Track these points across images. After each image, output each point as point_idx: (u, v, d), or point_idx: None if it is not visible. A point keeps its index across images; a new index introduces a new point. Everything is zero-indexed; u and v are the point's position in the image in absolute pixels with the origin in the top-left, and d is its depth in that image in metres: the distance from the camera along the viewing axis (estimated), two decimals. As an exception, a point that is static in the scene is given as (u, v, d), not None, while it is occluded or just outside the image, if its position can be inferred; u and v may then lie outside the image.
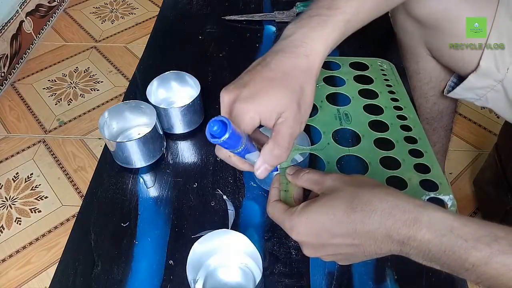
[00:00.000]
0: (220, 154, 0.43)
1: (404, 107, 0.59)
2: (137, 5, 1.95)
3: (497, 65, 0.62)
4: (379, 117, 0.57)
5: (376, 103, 0.59)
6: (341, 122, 0.56)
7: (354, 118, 0.57)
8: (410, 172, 0.50)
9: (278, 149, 0.40)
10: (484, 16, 0.61)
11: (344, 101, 0.60)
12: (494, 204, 1.04)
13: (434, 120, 0.87)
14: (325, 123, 0.56)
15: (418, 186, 0.48)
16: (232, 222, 0.54)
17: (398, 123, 0.56)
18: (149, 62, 0.78)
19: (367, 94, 0.60)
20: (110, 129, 0.62)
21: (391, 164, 0.51)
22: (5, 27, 1.60)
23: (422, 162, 0.51)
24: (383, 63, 0.68)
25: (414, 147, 0.53)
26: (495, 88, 0.64)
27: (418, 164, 0.51)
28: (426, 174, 0.50)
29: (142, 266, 0.51)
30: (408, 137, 0.54)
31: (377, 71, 0.66)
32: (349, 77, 0.64)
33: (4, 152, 1.39)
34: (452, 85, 0.75)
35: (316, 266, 0.50)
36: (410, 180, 0.49)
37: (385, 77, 0.65)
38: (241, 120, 0.39)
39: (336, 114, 0.57)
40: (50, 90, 1.58)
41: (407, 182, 0.49)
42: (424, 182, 0.49)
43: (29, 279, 1.09)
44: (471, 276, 0.35)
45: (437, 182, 0.49)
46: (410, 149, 0.52)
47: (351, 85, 0.62)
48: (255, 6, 0.88)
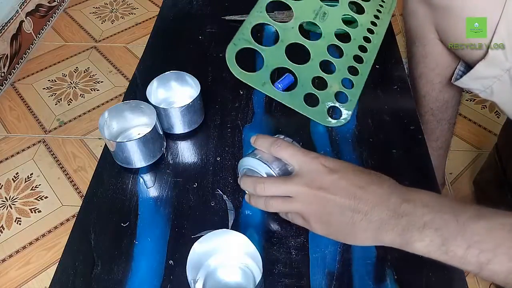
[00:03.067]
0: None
1: (376, 33, 0.64)
2: (137, 5, 1.95)
3: (506, 54, 0.62)
4: (348, 28, 0.62)
5: (356, 18, 0.63)
6: (316, 17, 0.61)
7: (328, 20, 0.61)
8: (335, 81, 0.57)
9: None
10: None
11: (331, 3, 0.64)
12: (494, 204, 1.04)
13: (439, 111, 0.87)
14: (303, 10, 0.60)
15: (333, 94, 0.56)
16: (232, 222, 0.54)
17: (359, 42, 0.62)
18: (149, 62, 0.78)
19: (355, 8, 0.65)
20: (110, 129, 0.62)
21: (328, 68, 0.57)
22: (5, 27, 1.60)
23: (350, 79, 0.58)
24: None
25: (356, 65, 0.59)
26: (502, 78, 0.65)
27: (346, 78, 0.57)
28: (346, 89, 0.57)
29: (142, 266, 0.51)
30: (358, 56, 0.60)
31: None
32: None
33: (4, 152, 1.39)
34: (460, 73, 0.76)
35: (316, 266, 0.50)
36: (330, 87, 0.56)
37: (381, 3, 0.69)
38: None
39: (317, 9, 0.62)
40: (50, 90, 1.58)
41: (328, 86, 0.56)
42: (338, 93, 0.56)
43: (29, 279, 1.09)
44: (461, 244, 0.36)
45: (349, 98, 0.56)
46: (351, 65, 0.59)
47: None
48: (255, 6, 0.88)
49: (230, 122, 0.66)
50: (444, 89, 0.83)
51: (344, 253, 0.51)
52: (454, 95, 0.85)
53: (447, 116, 0.89)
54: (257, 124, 0.65)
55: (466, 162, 1.30)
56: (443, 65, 0.79)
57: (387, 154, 0.60)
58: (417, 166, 0.60)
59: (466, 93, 1.40)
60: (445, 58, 0.78)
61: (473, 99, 1.47)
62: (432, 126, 0.90)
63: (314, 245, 0.51)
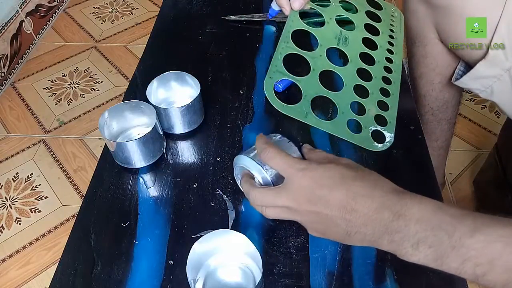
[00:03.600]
0: None
1: (395, 52, 0.65)
2: (137, 5, 1.95)
3: (506, 53, 0.62)
4: (371, 52, 0.63)
5: (374, 40, 0.65)
6: (339, 43, 0.62)
7: (350, 44, 0.62)
8: (372, 105, 0.57)
9: None
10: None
11: (349, 27, 0.65)
12: (494, 204, 1.04)
13: (439, 111, 0.87)
14: (325, 37, 0.61)
15: (373, 118, 0.56)
16: (232, 222, 0.54)
17: (383, 63, 0.63)
18: (149, 62, 0.78)
19: (371, 30, 0.66)
20: (110, 129, 0.62)
21: (362, 92, 0.58)
22: (5, 27, 1.60)
23: (385, 101, 0.58)
24: (396, 11, 0.73)
25: (386, 87, 0.60)
26: (502, 78, 0.65)
27: (381, 101, 0.58)
28: (383, 111, 0.57)
29: (142, 266, 0.51)
30: (386, 77, 0.61)
31: (387, 14, 0.71)
32: (362, 8, 0.69)
33: (4, 152, 1.39)
34: (460, 73, 0.76)
35: (316, 266, 0.50)
36: (369, 111, 0.56)
37: (392, 22, 0.70)
38: None
39: (338, 34, 0.63)
40: (50, 90, 1.58)
41: (366, 111, 0.56)
42: (378, 117, 0.56)
43: (29, 279, 1.10)
44: (456, 259, 0.35)
45: (388, 120, 0.57)
46: (382, 87, 0.59)
47: (360, 16, 0.67)
48: (255, 6, 0.88)
49: (230, 122, 0.66)
50: (444, 89, 0.83)
51: (344, 253, 0.51)
52: (454, 95, 0.86)
53: (447, 116, 0.89)
54: (257, 124, 0.65)
55: (466, 162, 1.30)
56: (443, 65, 0.79)
57: (387, 154, 0.60)
58: (417, 166, 0.60)
59: (466, 93, 1.40)
60: (445, 58, 0.78)
61: (473, 99, 1.47)
62: (432, 126, 0.90)
63: (314, 245, 0.51)
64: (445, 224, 0.36)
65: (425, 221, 0.36)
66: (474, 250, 0.35)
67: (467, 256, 0.35)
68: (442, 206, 0.37)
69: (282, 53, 0.56)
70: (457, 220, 0.36)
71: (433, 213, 0.37)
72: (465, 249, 0.35)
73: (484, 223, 0.35)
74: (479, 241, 0.34)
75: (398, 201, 0.38)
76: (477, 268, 0.35)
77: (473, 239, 0.35)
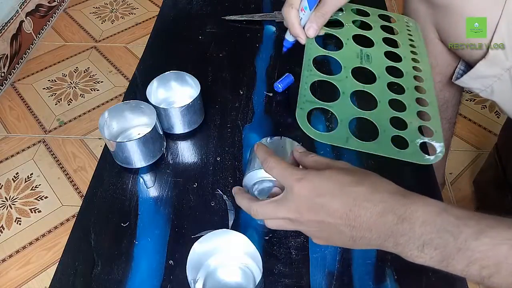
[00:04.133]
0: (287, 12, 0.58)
1: (420, 60, 0.63)
2: (137, 5, 1.95)
3: (506, 53, 0.62)
4: (396, 64, 0.61)
5: (397, 52, 0.63)
6: (362, 61, 0.60)
7: (374, 60, 0.61)
8: (412, 116, 0.55)
9: (323, 11, 0.57)
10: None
11: (368, 44, 0.64)
12: (494, 204, 1.04)
13: (439, 110, 0.87)
14: (347, 58, 0.60)
15: (416, 130, 0.53)
16: (232, 222, 0.54)
17: (412, 73, 0.61)
18: (149, 62, 0.78)
19: (390, 43, 0.65)
20: (110, 129, 0.62)
21: (398, 107, 0.55)
22: (5, 27, 1.60)
23: (424, 111, 0.56)
24: (409, 21, 0.72)
25: (422, 96, 0.57)
26: (502, 77, 0.65)
27: (421, 111, 0.56)
28: (426, 122, 0.55)
29: (142, 266, 0.51)
30: (419, 87, 0.59)
31: (403, 26, 0.70)
32: (376, 24, 0.68)
33: (4, 152, 1.39)
34: (460, 72, 0.76)
35: (316, 266, 0.50)
36: (411, 123, 0.54)
37: (409, 32, 0.69)
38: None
39: (358, 53, 0.61)
40: (50, 90, 1.58)
41: (408, 124, 0.54)
42: (421, 128, 0.54)
43: (29, 279, 1.09)
44: (462, 261, 0.35)
45: (433, 130, 0.54)
46: (417, 97, 0.57)
47: (376, 31, 0.66)
48: (255, 6, 0.88)
49: (230, 122, 0.66)
50: (445, 88, 0.83)
51: (344, 253, 0.51)
52: (455, 94, 0.86)
53: (448, 115, 0.89)
54: (257, 124, 0.65)
55: (466, 162, 1.30)
56: (444, 64, 0.79)
57: (387, 154, 0.60)
58: (417, 166, 0.60)
59: (466, 93, 1.40)
60: (446, 57, 0.78)
61: (473, 99, 1.47)
62: None
63: (314, 245, 0.51)
64: (450, 226, 0.35)
65: (430, 223, 0.36)
66: (480, 253, 0.34)
67: (473, 259, 0.35)
68: (447, 208, 0.36)
69: (307, 82, 0.55)
70: (463, 222, 0.35)
71: (438, 215, 0.36)
72: (471, 251, 0.34)
73: (490, 225, 0.35)
74: (484, 244, 0.34)
75: (401, 204, 0.38)
76: (483, 270, 0.35)
77: (478, 241, 0.34)
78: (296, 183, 0.41)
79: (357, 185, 0.39)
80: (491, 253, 0.34)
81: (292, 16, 0.58)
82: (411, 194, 0.39)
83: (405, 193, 0.39)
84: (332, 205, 0.39)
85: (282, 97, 0.69)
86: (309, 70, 0.57)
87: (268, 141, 0.51)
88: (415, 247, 0.37)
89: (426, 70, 0.62)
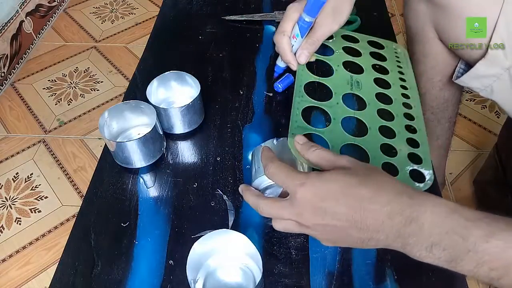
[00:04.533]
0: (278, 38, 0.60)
1: (409, 87, 0.65)
2: (137, 5, 1.95)
3: (505, 53, 0.62)
4: (385, 91, 0.62)
5: (386, 79, 0.64)
6: (352, 88, 0.62)
7: (364, 87, 0.62)
8: (402, 143, 0.56)
9: (314, 39, 0.59)
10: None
11: (357, 70, 0.65)
12: (494, 204, 1.04)
13: (439, 110, 0.88)
14: (338, 85, 0.61)
15: (406, 157, 0.54)
16: (232, 222, 0.54)
17: (401, 100, 0.62)
18: (149, 62, 0.78)
19: (379, 70, 0.66)
20: (110, 129, 0.62)
21: (388, 133, 0.56)
22: (5, 27, 1.60)
23: (414, 138, 0.57)
24: (398, 47, 0.73)
25: (411, 123, 0.59)
26: (501, 77, 0.65)
27: (410, 138, 0.57)
28: (415, 149, 0.56)
29: (142, 266, 0.51)
30: (407, 114, 0.60)
31: (391, 52, 0.71)
32: (365, 51, 0.69)
33: (4, 152, 1.39)
34: (460, 71, 0.76)
35: (316, 266, 0.50)
36: (400, 151, 0.55)
37: (397, 59, 0.70)
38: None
39: (349, 79, 0.63)
40: (50, 90, 1.58)
41: (397, 151, 0.55)
42: (411, 155, 0.55)
43: (29, 279, 1.10)
44: (471, 262, 0.35)
45: (422, 157, 0.55)
46: (406, 124, 0.58)
47: (366, 58, 0.68)
48: (255, 6, 0.88)
49: (230, 122, 0.66)
50: (445, 87, 0.83)
51: (344, 253, 0.51)
52: (455, 93, 0.86)
53: (448, 114, 0.89)
54: (257, 124, 0.65)
55: (466, 162, 1.30)
56: (443, 63, 0.79)
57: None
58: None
59: (466, 93, 1.40)
60: (445, 57, 0.78)
61: (473, 99, 1.47)
62: (432, 124, 0.91)
63: (314, 245, 0.51)
64: (459, 228, 0.35)
65: (439, 225, 0.35)
66: (489, 255, 0.34)
67: (482, 261, 0.34)
68: (456, 209, 0.36)
69: (299, 108, 0.56)
70: (472, 224, 0.35)
71: (447, 217, 0.36)
72: (480, 254, 0.34)
73: (499, 227, 0.34)
74: (493, 246, 0.34)
75: (409, 205, 0.37)
76: (492, 272, 0.35)
77: (488, 244, 0.34)
78: (298, 189, 0.40)
79: (361, 186, 0.39)
80: (501, 256, 0.34)
81: (284, 43, 0.59)
82: (418, 193, 0.38)
83: (412, 192, 0.38)
84: (337, 208, 0.39)
85: (282, 97, 0.69)
86: (300, 96, 0.58)
87: (275, 142, 0.52)
88: (424, 247, 0.36)
89: (414, 97, 0.63)
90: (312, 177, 0.40)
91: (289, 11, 0.60)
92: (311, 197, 0.40)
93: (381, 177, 0.40)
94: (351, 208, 0.38)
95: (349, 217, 0.38)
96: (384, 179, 0.40)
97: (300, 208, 0.40)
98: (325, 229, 0.40)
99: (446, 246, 0.35)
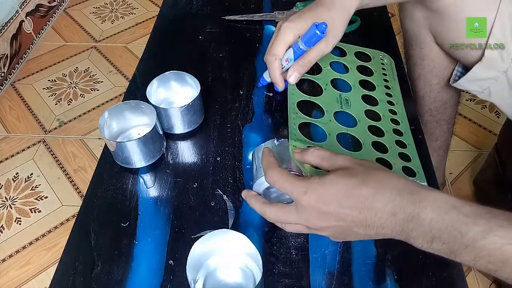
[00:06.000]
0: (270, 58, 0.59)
1: (395, 103, 0.66)
2: (137, 5, 1.95)
3: (502, 55, 0.62)
4: (374, 108, 0.64)
5: (373, 95, 0.66)
6: (342, 106, 0.63)
7: (353, 104, 0.64)
8: (395, 158, 0.57)
9: (306, 61, 0.58)
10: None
11: (345, 88, 0.67)
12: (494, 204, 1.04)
13: (437, 112, 0.88)
14: (328, 103, 0.63)
15: (401, 170, 0.56)
16: (232, 222, 0.54)
17: (389, 116, 0.63)
18: (149, 62, 0.78)
19: (366, 85, 0.67)
20: (110, 129, 0.62)
21: (380, 148, 0.58)
22: (5, 27, 1.60)
23: (405, 152, 0.58)
24: (384, 57, 0.74)
25: (400, 138, 0.60)
26: (499, 79, 0.65)
27: (401, 153, 0.58)
28: (407, 162, 0.57)
29: (142, 266, 0.51)
30: (396, 129, 0.62)
31: (378, 64, 0.72)
32: (352, 66, 0.70)
33: (4, 152, 1.39)
34: (458, 74, 0.76)
35: (316, 266, 0.50)
36: (395, 164, 0.56)
37: (384, 71, 0.71)
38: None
39: (338, 98, 0.64)
40: (50, 90, 1.58)
41: (392, 165, 0.56)
42: (405, 168, 0.56)
43: (29, 279, 1.10)
44: (469, 255, 0.36)
45: (415, 170, 0.56)
46: (396, 139, 0.60)
47: (353, 74, 0.69)
48: (255, 6, 0.88)
49: (230, 122, 0.66)
50: (443, 90, 0.83)
51: (344, 253, 0.51)
52: (453, 95, 0.86)
53: (446, 116, 0.89)
54: (257, 124, 0.65)
55: (466, 162, 1.30)
56: (441, 67, 0.79)
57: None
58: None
59: (466, 93, 1.40)
60: (442, 60, 0.78)
61: (473, 99, 1.47)
62: (431, 126, 0.91)
63: (314, 245, 0.51)
64: (459, 224, 0.36)
65: (439, 220, 0.37)
66: (487, 251, 0.35)
67: (480, 255, 0.36)
68: (457, 204, 0.37)
69: (295, 123, 0.57)
70: (471, 220, 0.36)
71: (447, 213, 0.37)
72: (478, 249, 0.35)
73: (499, 224, 0.35)
74: (492, 243, 0.35)
75: (410, 202, 0.38)
76: (489, 265, 0.36)
77: (486, 240, 0.35)
78: (302, 196, 0.41)
79: (362, 186, 0.40)
80: (498, 252, 0.35)
81: (275, 66, 0.60)
82: (420, 188, 0.39)
83: (414, 188, 0.39)
84: (341, 211, 0.40)
85: (282, 97, 0.69)
86: (295, 112, 0.59)
87: (275, 142, 0.52)
88: (425, 240, 0.38)
89: (401, 112, 0.65)
90: (313, 183, 0.42)
91: (283, 31, 0.58)
92: (315, 203, 0.41)
93: (381, 174, 0.41)
94: (355, 209, 0.40)
95: (354, 217, 0.40)
96: (384, 175, 0.41)
97: (306, 214, 0.42)
98: (333, 229, 0.42)
99: (446, 240, 0.37)
